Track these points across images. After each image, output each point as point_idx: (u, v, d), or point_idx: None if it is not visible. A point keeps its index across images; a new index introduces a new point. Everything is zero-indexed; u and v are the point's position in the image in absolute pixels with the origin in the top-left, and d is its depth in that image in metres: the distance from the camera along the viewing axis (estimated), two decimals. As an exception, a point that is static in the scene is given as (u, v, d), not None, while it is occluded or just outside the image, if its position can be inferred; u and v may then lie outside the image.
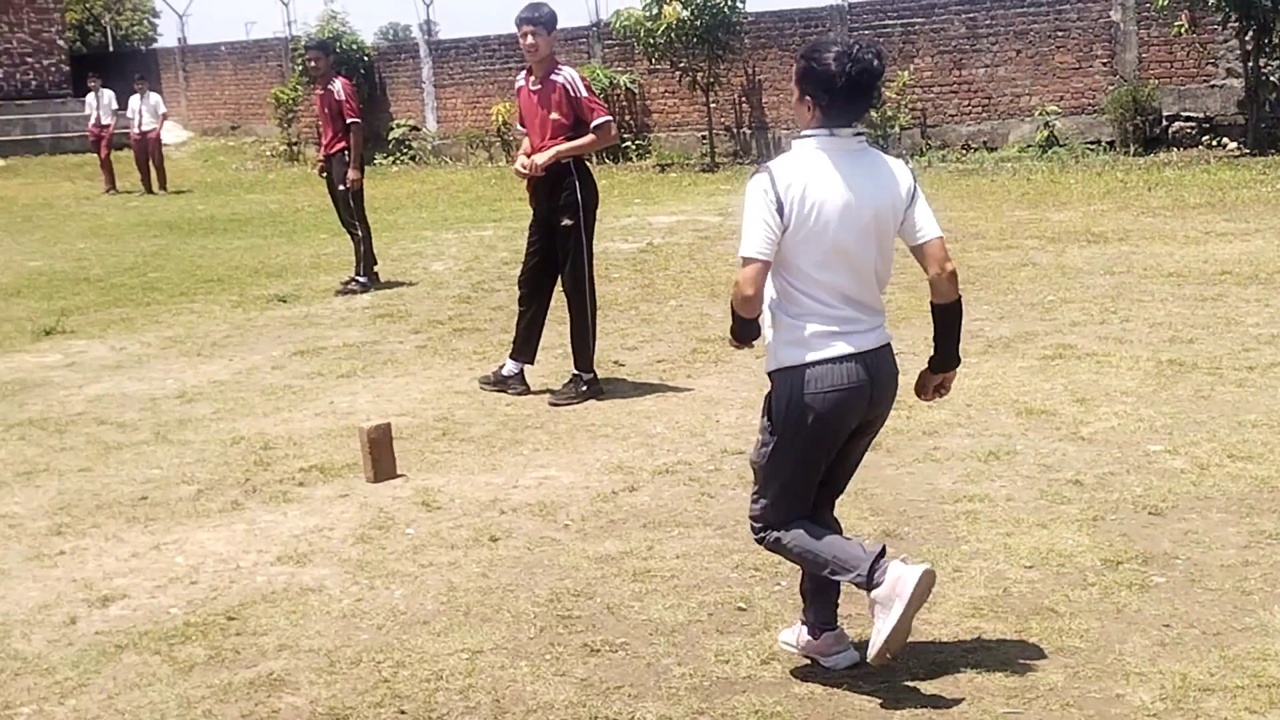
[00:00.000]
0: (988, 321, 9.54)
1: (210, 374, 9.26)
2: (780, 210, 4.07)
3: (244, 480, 6.81)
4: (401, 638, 4.82)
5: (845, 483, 4.56)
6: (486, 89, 26.15)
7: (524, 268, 8.48)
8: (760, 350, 4.40)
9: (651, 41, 22.11)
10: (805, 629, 4.48)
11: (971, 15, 20.94)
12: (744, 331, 4.28)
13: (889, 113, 20.88)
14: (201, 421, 8.00)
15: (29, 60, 31.09)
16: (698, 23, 21.61)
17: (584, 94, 8.10)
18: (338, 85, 12.25)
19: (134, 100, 23.95)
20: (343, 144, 12.25)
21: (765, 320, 4.26)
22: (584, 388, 8.16)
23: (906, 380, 4.52)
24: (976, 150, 20.68)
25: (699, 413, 7.69)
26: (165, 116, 24.78)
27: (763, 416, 4.35)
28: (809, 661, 4.45)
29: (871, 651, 4.20)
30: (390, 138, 26.86)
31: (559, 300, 8.41)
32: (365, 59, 27.51)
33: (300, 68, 26.54)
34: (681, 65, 22.34)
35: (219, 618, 5.08)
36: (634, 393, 8.25)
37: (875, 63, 4.09)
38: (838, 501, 4.56)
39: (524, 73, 8.38)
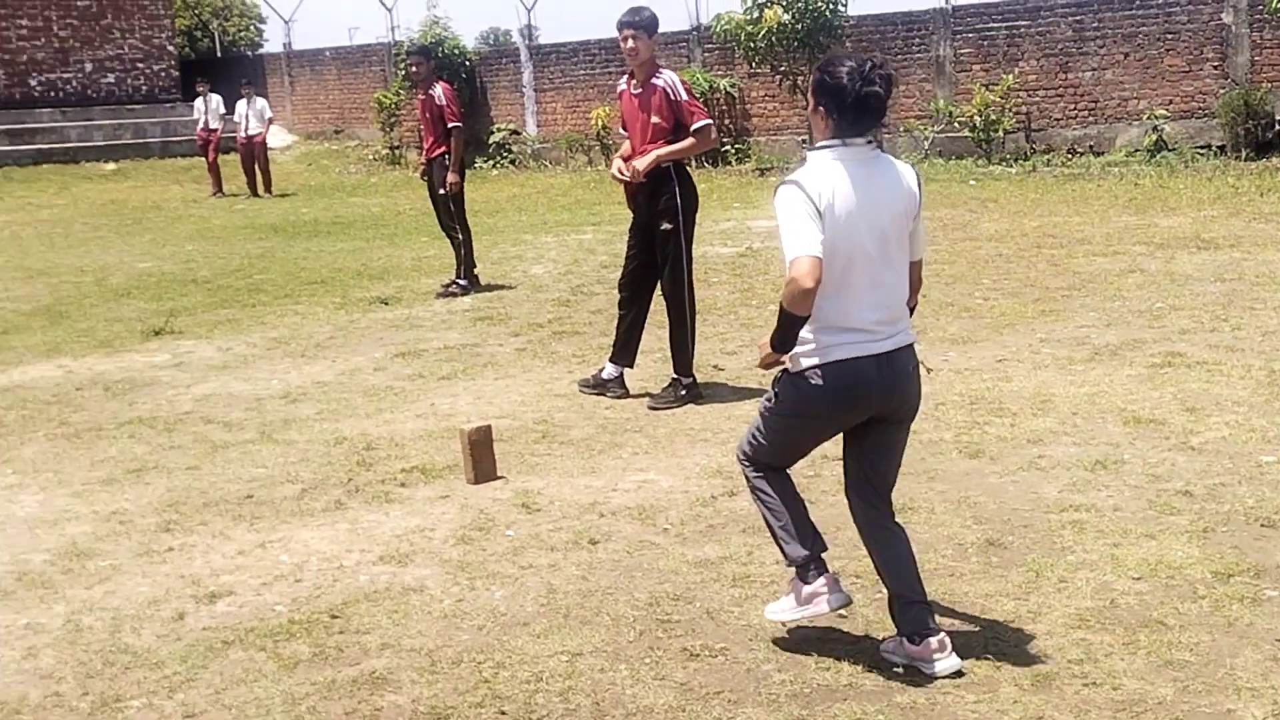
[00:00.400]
0: (1094, 329, 9.39)
1: (314, 375, 9.38)
2: (819, 215, 4.22)
3: (347, 480, 6.89)
4: (502, 639, 4.84)
5: (890, 476, 4.62)
6: (586, 93, 26.25)
7: (624, 271, 8.49)
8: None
9: (752, 45, 22.07)
10: (904, 640, 4.45)
11: (1078, 18, 20.65)
12: (787, 339, 4.32)
13: (992, 116, 20.65)
14: (305, 422, 8.11)
15: (140, 66, 31.70)
16: (798, 26, 21.53)
17: (684, 97, 8.09)
18: (439, 90, 12.36)
19: (241, 105, 24.34)
20: (444, 148, 12.36)
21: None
22: (683, 392, 8.15)
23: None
24: (1082, 155, 20.38)
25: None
26: (271, 121, 25.16)
27: (774, 383, 4.54)
28: (910, 668, 4.40)
29: (770, 608, 4.71)
30: (490, 142, 27.05)
31: (659, 304, 8.41)
32: (467, 64, 27.73)
33: (402, 72, 26.79)
34: (782, 69, 22.27)
35: (323, 616, 5.13)
36: (733, 397, 8.23)
37: (881, 89, 4.26)
38: (939, 508, 4.52)
39: (626, 76, 8.39)
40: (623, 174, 8.15)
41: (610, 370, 8.43)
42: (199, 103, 24.98)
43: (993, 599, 4.95)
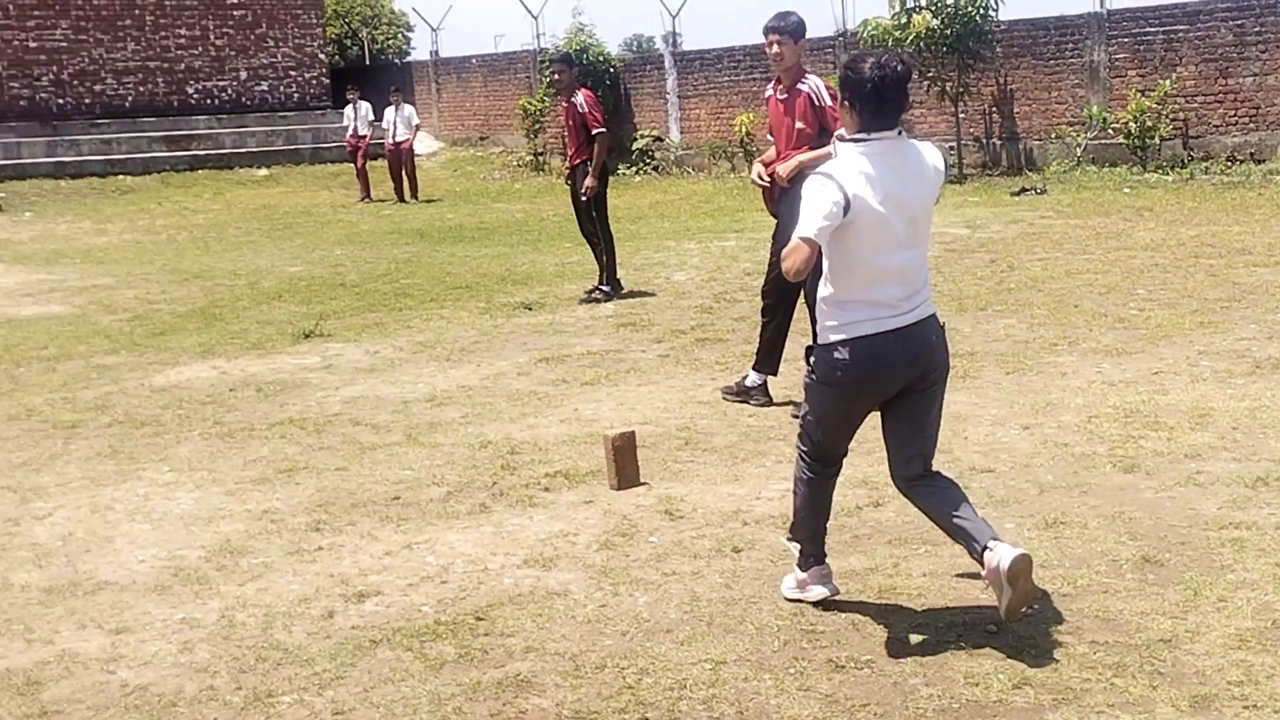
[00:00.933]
0: (1255, 341, 9.11)
1: (459, 379, 9.47)
2: (846, 208, 4.58)
3: (491, 484, 6.94)
4: (645, 645, 4.83)
5: (927, 444, 4.93)
6: (730, 99, 26.21)
7: (767, 279, 8.44)
8: (1011, 365, 4.27)
9: (900, 51, 21.84)
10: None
11: (1239, 22, 20.08)
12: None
13: (1148, 123, 20.18)
14: (451, 425, 8.19)
15: (292, 73, 32.42)
16: (948, 31, 21.25)
17: (827, 103, 8.00)
18: (580, 97, 12.44)
19: (389, 112, 24.74)
20: (586, 155, 12.43)
21: (822, 298, 4.84)
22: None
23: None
24: (1243, 162, 19.80)
25: (945, 429, 7.46)
26: (418, 127, 25.52)
27: (806, 356, 5.01)
28: (1064, 689, 4.29)
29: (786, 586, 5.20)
30: (634, 148, 27.15)
31: (802, 312, 8.34)
32: (611, 70, 27.87)
33: (547, 80, 27.05)
34: (930, 75, 21.99)
35: (468, 617, 5.17)
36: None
37: (899, 67, 4.67)
38: (1092, 524, 4.42)
39: (773, 82, 8.34)
40: (762, 179, 8.09)
41: (754, 378, 8.38)
42: (349, 110, 25.43)
43: (1149, 617, 4.81)
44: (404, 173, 24.62)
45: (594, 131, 12.33)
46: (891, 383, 4.79)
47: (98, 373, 10.25)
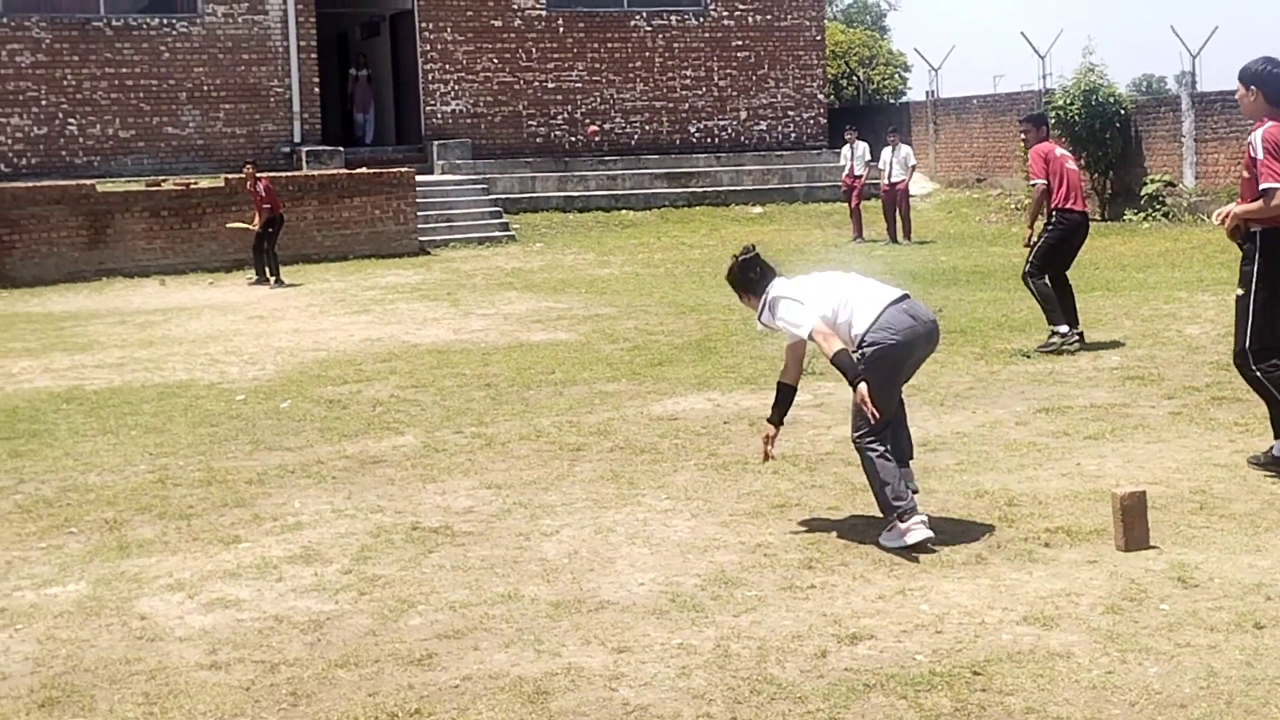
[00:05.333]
0: None
1: (953, 425, 9.28)
2: None
3: (988, 535, 6.73)
4: (1155, 718, 4.53)
5: None
6: (1252, 144, 24.62)
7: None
8: None
9: None
10: None
11: None
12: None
13: None
14: (945, 472, 8.02)
15: (790, 113, 32.99)
16: None
17: (1259, 155, 7.45)
18: (1041, 149, 12.63)
19: (885, 152, 24.76)
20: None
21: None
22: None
23: None
24: None
25: None
26: (914, 169, 25.42)
27: None
28: None
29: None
30: (1143, 193, 25.99)
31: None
32: (1121, 112, 26.81)
33: (1052, 120, 26.33)
34: None
35: (964, 670, 5.01)
36: None
37: None
38: None
39: None
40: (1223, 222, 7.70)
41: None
42: (845, 149, 25.61)
43: None
44: (898, 213, 24.56)
45: (1032, 182, 12.60)
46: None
47: (600, 399, 10.69)
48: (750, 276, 7.09)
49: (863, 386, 6.50)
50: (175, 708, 5.03)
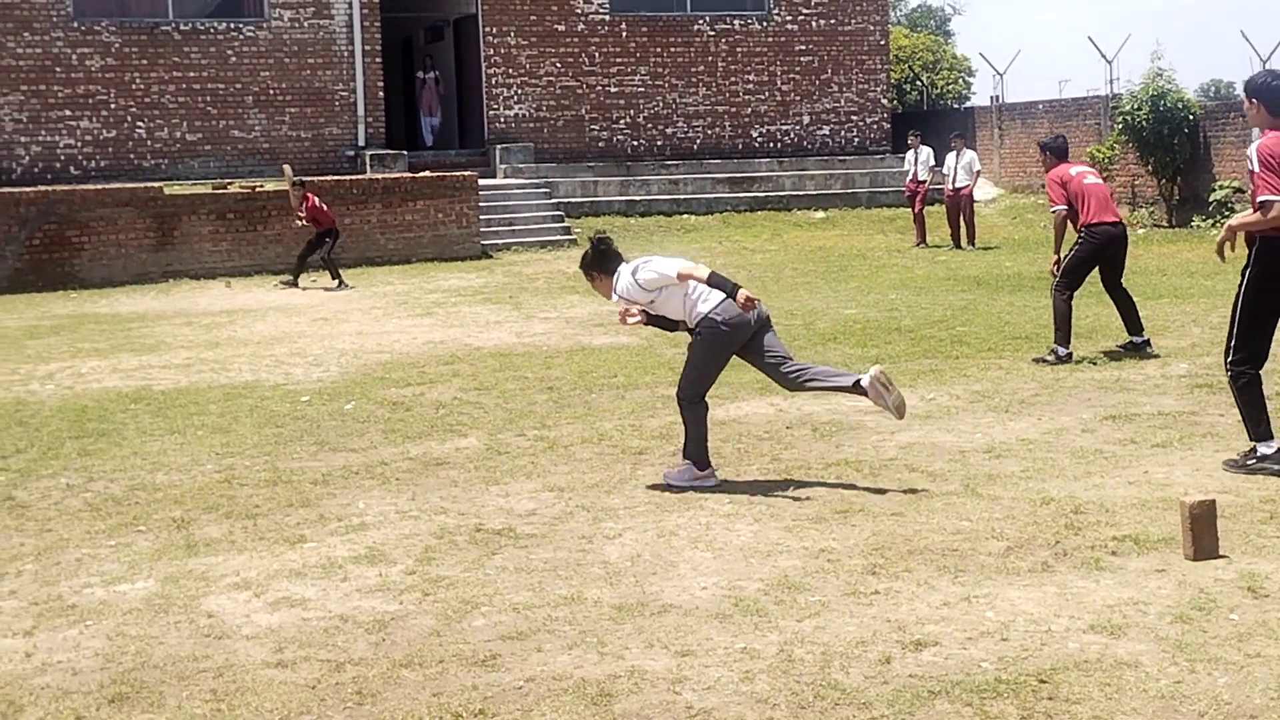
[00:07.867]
0: None
1: (1018, 431, 9.21)
2: None
3: (1054, 542, 6.67)
4: (1227, 731, 4.48)
5: None
6: (1319, 150, 24.31)
7: None
8: None
9: None
10: None
11: None
12: None
13: None
14: (1010, 478, 7.96)
15: (854, 118, 32.86)
16: None
17: (1255, 168, 7.50)
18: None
19: (949, 158, 24.61)
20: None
21: None
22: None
23: None
24: None
25: None
26: (978, 174, 25.25)
27: None
28: None
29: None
30: (1211, 200, 25.71)
31: None
32: (1190, 117, 26.53)
33: (1119, 125, 26.12)
34: None
35: (1030, 679, 4.98)
36: None
37: None
38: None
39: None
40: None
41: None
42: (909, 154, 25.48)
43: None
44: (962, 219, 24.40)
45: (1053, 209, 12.50)
46: None
47: (662, 403, 10.69)
48: (606, 258, 8.46)
49: (744, 291, 8.07)
50: (242, 705, 5.08)
